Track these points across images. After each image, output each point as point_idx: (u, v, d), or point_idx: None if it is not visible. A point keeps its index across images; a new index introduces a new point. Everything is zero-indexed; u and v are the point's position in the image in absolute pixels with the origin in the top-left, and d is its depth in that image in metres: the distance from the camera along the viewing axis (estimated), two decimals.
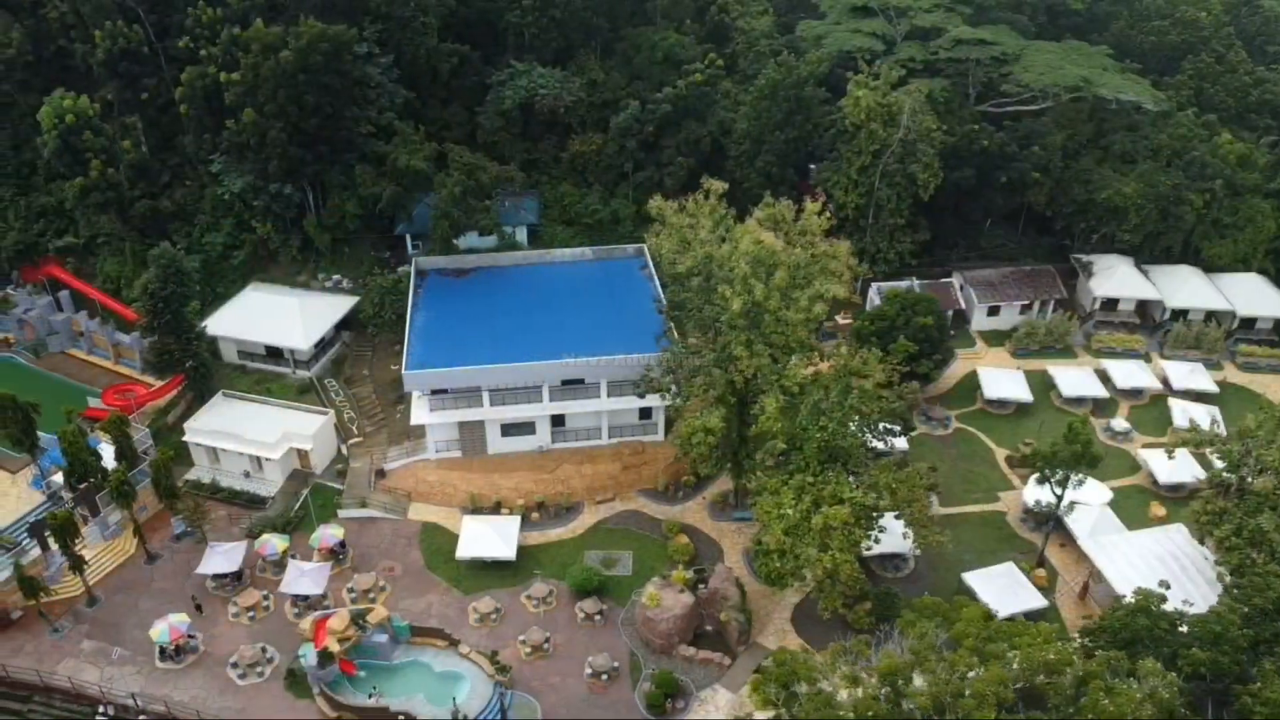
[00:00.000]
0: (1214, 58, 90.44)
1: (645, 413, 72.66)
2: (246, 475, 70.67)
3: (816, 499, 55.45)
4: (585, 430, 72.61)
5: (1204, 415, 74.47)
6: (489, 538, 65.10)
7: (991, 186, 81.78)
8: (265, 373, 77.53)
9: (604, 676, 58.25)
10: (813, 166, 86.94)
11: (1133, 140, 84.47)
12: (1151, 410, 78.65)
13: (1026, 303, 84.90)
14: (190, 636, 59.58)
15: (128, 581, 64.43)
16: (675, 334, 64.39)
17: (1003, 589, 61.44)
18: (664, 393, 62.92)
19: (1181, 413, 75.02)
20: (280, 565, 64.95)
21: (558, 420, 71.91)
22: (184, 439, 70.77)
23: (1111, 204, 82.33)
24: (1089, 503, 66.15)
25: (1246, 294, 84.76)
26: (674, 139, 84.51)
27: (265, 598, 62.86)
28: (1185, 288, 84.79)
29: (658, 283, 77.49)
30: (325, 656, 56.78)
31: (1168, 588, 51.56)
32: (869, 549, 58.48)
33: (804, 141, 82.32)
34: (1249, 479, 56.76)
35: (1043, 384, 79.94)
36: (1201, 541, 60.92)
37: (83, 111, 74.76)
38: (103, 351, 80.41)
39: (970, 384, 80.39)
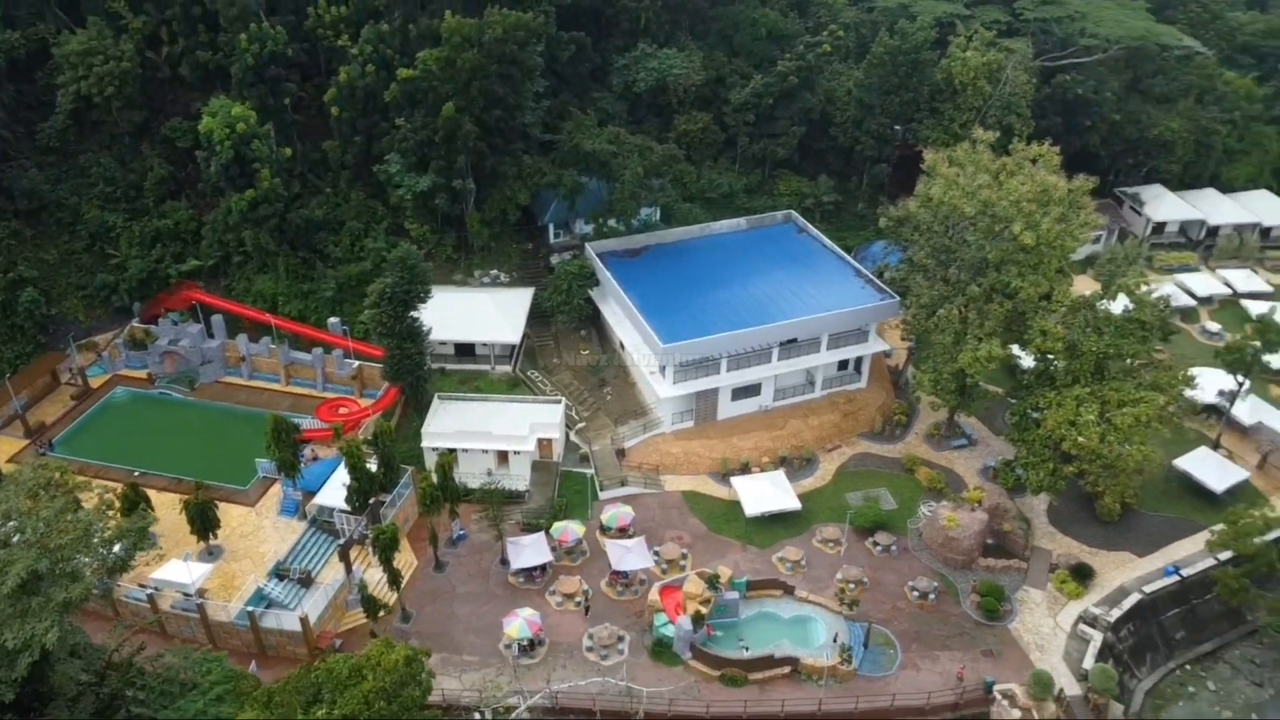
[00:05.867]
0: (1200, 7, 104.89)
1: (843, 364, 77.51)
2: (489, 473, 69.74)
3: (1103, 404, 62.57)
4: (797, 387, 76.58)
5: (1267, 309, 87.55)
6: (770, 493, 68.17)
7: (1074, 132, 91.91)
8: (466, 372, 76.29)
9: (930, 596, 63.05)
10: (896, 128, 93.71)
11: (1167, 82, 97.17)
12: (1223, 313, 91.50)
13: (1100, 233, 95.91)
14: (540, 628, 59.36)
15: (429, 591, 62.78)
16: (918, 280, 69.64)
17: (1216, 470, 71.15)
18: (927, 333, 68.27)
19: (1254, 309, 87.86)
20: (572, 551, 65.41)
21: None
22: (423, 445, 69.04)
23: (1162, 140, 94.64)
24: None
25: (1265, 208, 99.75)
26: (788, 110, 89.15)
27: (581, 582, 63.14)
28: (1219, 207, 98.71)
29: (827, 241, 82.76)
30: (696, 619, 58.47)
31: None
32: None
33: (913, 105, 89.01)
34: None
35: None
36: None
37: (248, 120, 70.56)
38: (269, 375, 76.10)
39: None
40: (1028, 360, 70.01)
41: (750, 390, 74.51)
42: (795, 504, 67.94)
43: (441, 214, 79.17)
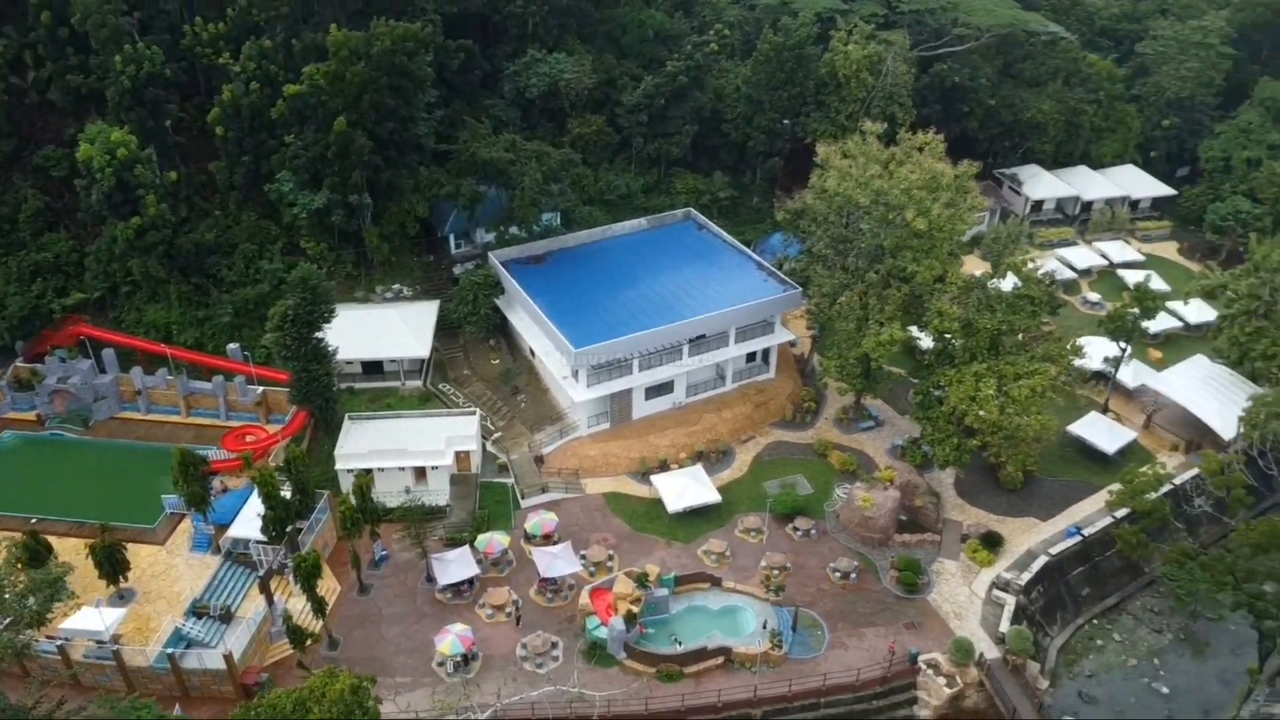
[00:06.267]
0: None
1: (751, 356, 78.96)
2: (407, 491, 68.77)
3: (1000, 378, 65.36)
4: (708, 381, 77.72)
5: (1141, 277, 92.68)
6: (691, 488, 69.06)
7: (953, 118, 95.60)
8: (376, 390, 75.09)
9: (851, 576, 64.90)
10: (785, 122, 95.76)
11: (1036, 67, 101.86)
12: (1102, 284, 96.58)
13: (984, 214, 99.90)
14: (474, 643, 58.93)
15: (355, 616, 61.65)
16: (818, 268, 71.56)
17: (1107, 433, 75.10)
18: (830, 321, 70.16)
19: (1129, 279, 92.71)
20: (499, 562, 65.10)
21: None
22: (337, 467, 67.70)
23: (1035, 121, 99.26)
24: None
25: (1131, 181, 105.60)
26: (680, 109, 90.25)
27: (510, 592, 62.91)
28: (1091, 184, 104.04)
29: (727, 236, 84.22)
30: (629, 619, 58.94)
31: None
32: None
33: (801, 99, 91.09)
34: (1275, 301, 73.80)
35: None
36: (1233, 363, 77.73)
37: (129, 144, 67.91)
38: (168, 407, 73.44)
39: None
40: (927, 341, 72.62)
41: (663, 388, 75.34)
42: (715, 497, 69.04)
43: (338, 231, 77.74)
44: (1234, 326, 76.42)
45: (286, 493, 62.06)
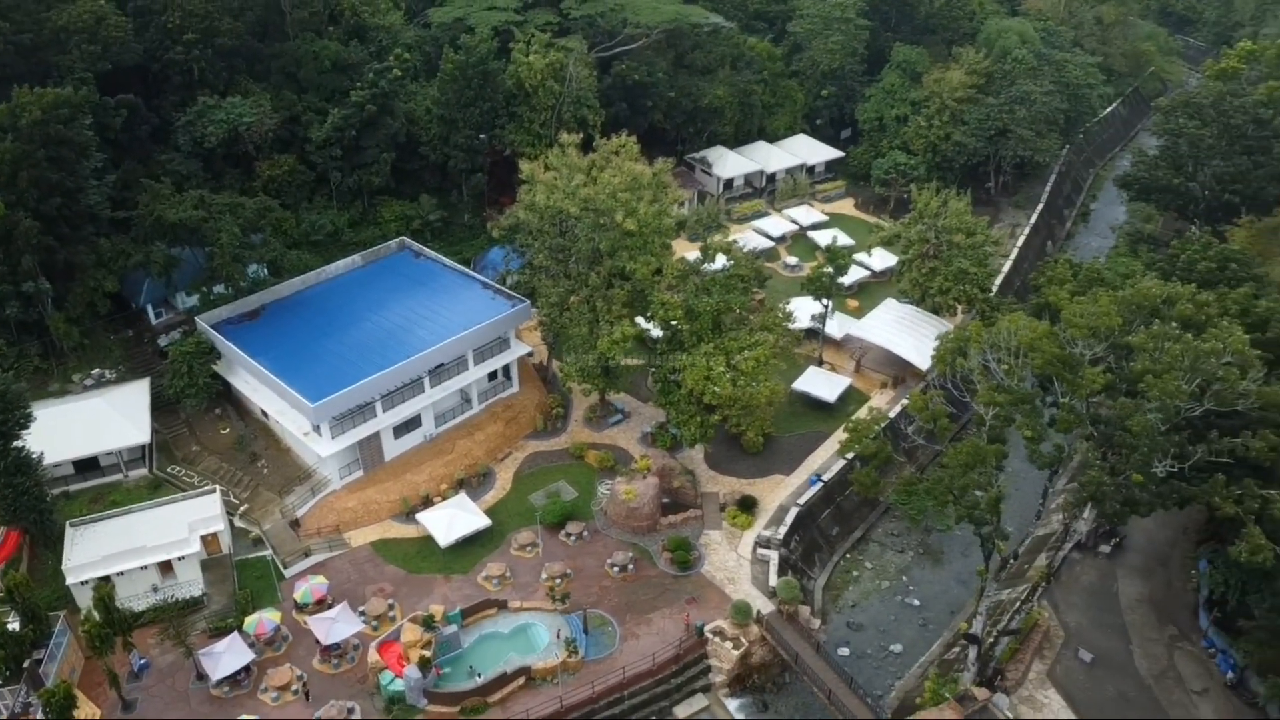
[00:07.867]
0: None
1: (493, 374, 79.42)
2: (155, 589, 63.66)
3: (727, 354, 70.01)
4: (456, 408, 77.33)
5: (830, 237, 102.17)
6: (459, 517, 68.83)
7: (639, 113, 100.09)
8: (96, 488, 68.42)
9: (629, 568, 67.44)
10: (482, 136, 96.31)
11: (705, 56, 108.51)
12: (797, 247, 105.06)
13: (684, 202, 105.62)
14: None
15: None
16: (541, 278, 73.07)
17: (826, 384, 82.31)
18: (564, 328, 71.84)
19: (820, 239, 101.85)
20: (273, 641, 61.83)
21: None
22: (68, 582, 61.28)
23: (713, 106, 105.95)
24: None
25: (805, 150, 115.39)
26: (374, 138, 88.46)
27: (292, 669, 59.96)
28: (771, 156, 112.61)
29: (445, 260, 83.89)
30: (423, 665, 58.08)
31: None
32: None
33: (493, 113, 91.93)
34: (940, 242, 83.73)
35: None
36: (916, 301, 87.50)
37: None
38: None
39: None
40: (657, 330, 76.11)
41: (411, 424, 74.16)
42: (484, 521, 69.23)
43: (15, 323, 70.07)
44: (911, 269, 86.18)
45: (14, 625, 56.06)
